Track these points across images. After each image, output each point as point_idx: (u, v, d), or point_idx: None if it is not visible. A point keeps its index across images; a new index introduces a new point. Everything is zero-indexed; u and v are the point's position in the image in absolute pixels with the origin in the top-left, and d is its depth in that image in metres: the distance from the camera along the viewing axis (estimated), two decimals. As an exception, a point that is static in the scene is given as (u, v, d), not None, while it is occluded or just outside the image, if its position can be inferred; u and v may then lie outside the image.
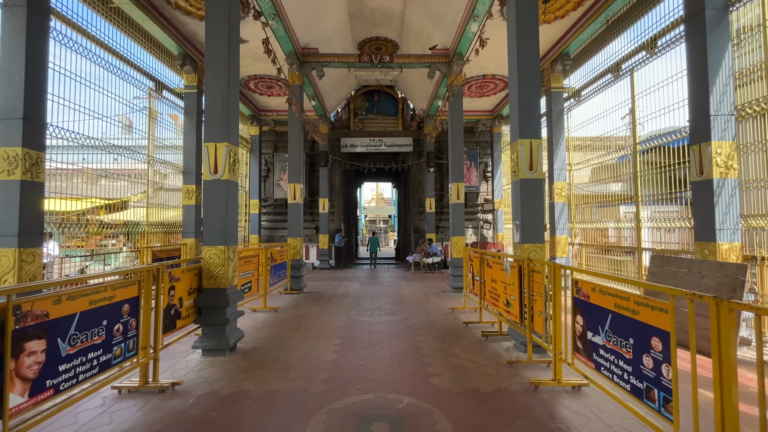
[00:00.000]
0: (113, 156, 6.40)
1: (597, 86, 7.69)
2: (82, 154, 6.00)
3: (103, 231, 7.10)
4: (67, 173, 6.16)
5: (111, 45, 6.28)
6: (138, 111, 7.15)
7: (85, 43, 5.72)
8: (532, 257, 4.23)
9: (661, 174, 6.29)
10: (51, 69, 4.78)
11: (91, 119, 5.74)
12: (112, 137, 6.65)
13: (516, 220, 4.49)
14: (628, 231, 8.18)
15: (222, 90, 4.29)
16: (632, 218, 7.70)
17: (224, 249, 4.23)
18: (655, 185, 6.53)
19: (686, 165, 5.80)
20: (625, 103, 6.66)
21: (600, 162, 8.18)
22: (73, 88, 5.28)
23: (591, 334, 2.76)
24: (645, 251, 6.87)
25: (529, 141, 4.37)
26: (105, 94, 5.98)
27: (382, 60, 8.59)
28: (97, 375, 2.60)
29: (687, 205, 6.66)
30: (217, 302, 4.15)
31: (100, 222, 6.65)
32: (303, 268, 8.25)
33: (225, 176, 4.28)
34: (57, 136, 4.96)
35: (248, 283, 5.82)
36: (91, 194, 6.31)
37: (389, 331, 5.16)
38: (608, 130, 7.72)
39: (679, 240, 7.29)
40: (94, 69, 5.96)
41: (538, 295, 3.70)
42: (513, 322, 4.31)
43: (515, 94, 4.47)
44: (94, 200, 6.76)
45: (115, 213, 8.69)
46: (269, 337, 4.93)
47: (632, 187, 7.16)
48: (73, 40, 5.39)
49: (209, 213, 4.27)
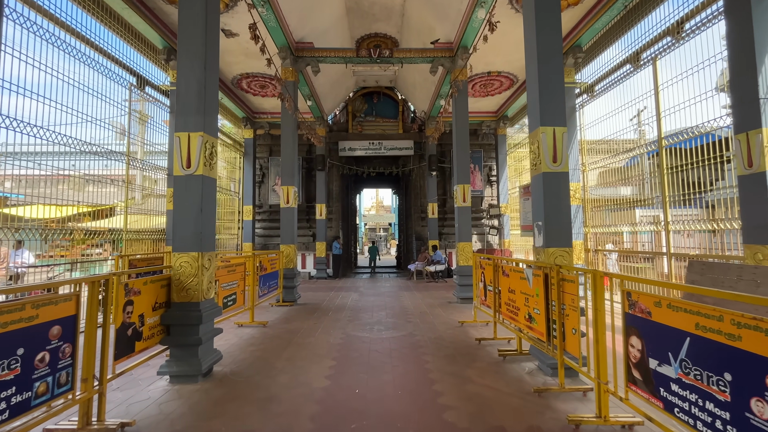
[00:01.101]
0: (84, 160, 5.84)
1: (613, 79, 7.15)
2: (63, 159, 5.51)
3: (87, 239, 6.51)
4: (52, 179, 5.72)
5: (86, 34, 5.74)
6: (125, 114, 6.60)
7: (53, 29, 5.18)
8: (558, 262, 3.61)
9: (673, 176, 5.98)
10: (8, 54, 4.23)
11: (69, 119, 5.18)
12: (103, 141, 6.15)
13: (538, 220, 3.87)
14: (645, 235, 7.64)
15: (197, 71, 3.72)
16: (651, 222, 7.12)
17: (197, 256, 3.60)
18: (668, 187, 6.10)
19: (700, 166, 5.37)
20: (647, 94, 6.09)
21: (615, 161, 7.62)
22: (43, 81, 4.72)
23: (655, 362, 2.13)
24: (669, 257, 6.24)
25: (552, 129, 3.78)
26: (79, 87, 5.41)
27: (381, 55, 8.07)
28: (5, 423, 1.95)
29: (706, 207, 6.25)
30: (188, 319, 3.50)
31: (74, 228, 6.05)
32: (297, 277, 7.60)
33: (199, 171, 3.68)
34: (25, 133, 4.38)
35: (232, 295, 5.18)
36: (76, 201, 5.80)
37: (391, 350, 4.50)
38: (624, 128, 7.18)
39: (698, 244, 6.71)
40: (65, 60, 5.40)
41: (571, 309, 3.07)
42: (537, 340, 3.66)
43: (534, 74, 3.89)
44: (79, 207, 6.21)
45: (100, 220, 8.10)
46: (253, 357, 4.27)
47: (656, 188, 6.60)
48: (38, 24, 4.84)
49: (180, 214, 3.66)
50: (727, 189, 5.48)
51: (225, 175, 11.97)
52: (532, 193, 4.01)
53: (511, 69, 9.19)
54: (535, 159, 3.91)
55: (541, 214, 3.78)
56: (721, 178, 5.86)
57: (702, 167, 5.45)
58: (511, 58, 8.63)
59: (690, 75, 5.36)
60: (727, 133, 5.76)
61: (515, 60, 8.70)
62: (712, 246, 5.98)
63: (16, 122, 4.40)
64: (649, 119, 7.15)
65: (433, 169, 12.23)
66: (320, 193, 12.29)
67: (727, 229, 5.15)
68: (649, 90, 6.07)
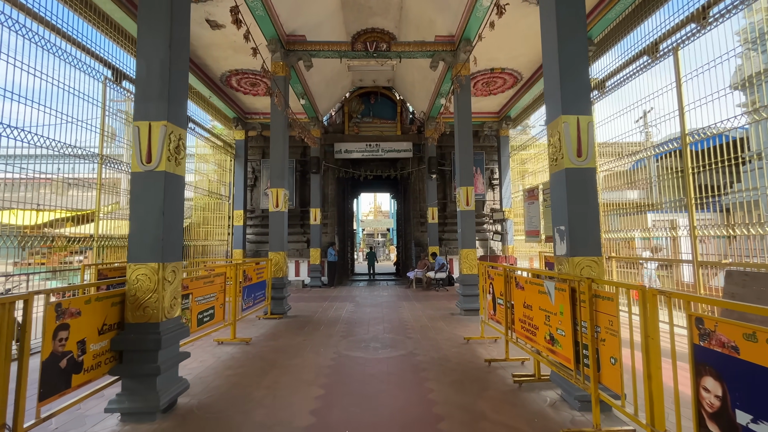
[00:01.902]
0: (53, 163, 5.31)
1: (626, 73, 6.65)
2: (40, 162, 5.02)
3: (68, 246, 5.95)
4: (33, 183, 5.25)
5: (53, 21, 5.20)
6: (100, 110, 6.05)
7: (16, 15, 4.63)
8: (585, 274, 3.05)
9: (681, 179, 5.72)
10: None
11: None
12: (88, 144, 5.65)
13: (559, 224, 3.32)
14: (659, 241, 7.16)
15: (160, 50, 3.17)
16: (666, 226, 6.62)
17: (158, 267, 3.02)
18: (677, 191, 5.89)
19: (713, 168, 5.05)
20: (669, 87, 5.58)
21: (621, 164, 7.15)
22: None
23: (747, 417, 1.56)
24: (696, 265, 5.69)
25: (576, 117, 3.24)
26: (52, 83, 4.87)
27: (378, 49, 7.57)
28: None
29: (721, 211, 5.92)
30: (144, 343, 2.92)
31: (55, 235, 5.51)
32: (286, 288, 7.01)
33: (162, 167, 3.11)
34: None
35: (209, 309, 4.59)
36: (57, 205, 5.29)
37: (389, 374, 3.91)
38: (632, 128, 6.71)
39: (715, 251, 6.22)
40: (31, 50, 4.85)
41: (609, 334, 2.50)
42: (561, 367, 3.09)
43: (553, 54, 3.36)
44: (58, 212, 5.66)
45: (81, 226, 7.52)
46: (229, 384, 3.67)
47: (666, 191, 6.18)
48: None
49: (138, 217, 3.09)
50: (743, 192, 5.13)
51: (216, 178, 11.42)
52: (552, 192, 3.47)
53: (516, 65, 8.70)
54: (555, 153, 3.37)
55: (564, 217, 3.23)
56: (737, 181, 5.56)
57: (716, 169, 5.15)
58: (516, 53, 8.14)
59: (708, 69, 4.92)
60: (743, 133, 5.42)
61: (520, 55, 8.22)
62: (728, 252, 5.61)
63: None
64: (655, 120, 6.79)
65: (433, 172, 11.70)
66: (315, 197, 11.73)
67: (749, 235, 4.67)
68: (669, 83, 5.56)
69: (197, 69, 8.43)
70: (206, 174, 11.16)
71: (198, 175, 10.75)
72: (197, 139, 10.15)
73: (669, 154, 6.26)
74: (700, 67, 5.11)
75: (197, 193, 10.52)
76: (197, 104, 9.51)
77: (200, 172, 10.91)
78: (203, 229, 10.72)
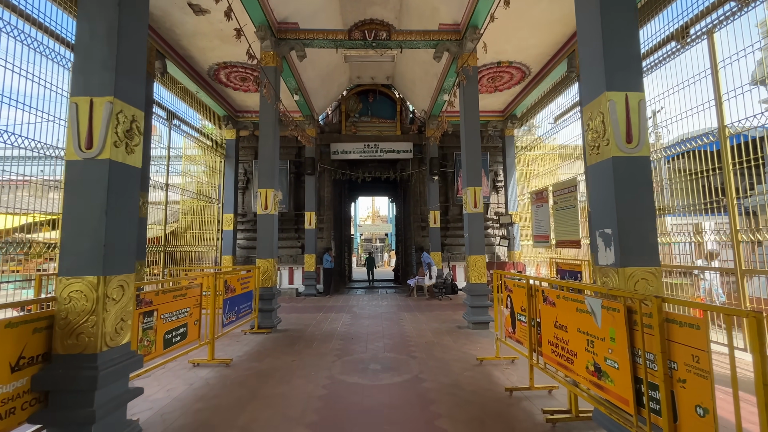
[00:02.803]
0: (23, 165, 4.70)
1: (649, 63, 6.07)
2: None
3: (44, 253, 5.31)
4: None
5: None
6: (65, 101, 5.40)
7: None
8: (640, 288, 2.42)
9: (692, 182, 5.45)
10: None
11: None
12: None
13: (604, 227, 2.68)
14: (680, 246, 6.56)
15: (107, 9, 2.54)
16: (688, 231, 6.02)
17: (96, 282, 2.36)
18: (688, 195, 5.55)
19: (731, 170, 4.79)
20: (704, 74, 4.99)
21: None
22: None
23: None
24: (740, 275, 5.06)
25: (624, 94, 2.62)
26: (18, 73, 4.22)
27: (377, 37, 6.97)
28: None
29: (743, 215, 5.52)
30: (75, 382, 2.25)
31: (30, 240, 4.87)
32: (276, 299, 6.32)
33: (106, 154, 2.47)
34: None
35: (180, 328, 3.91)
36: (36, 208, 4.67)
37: (391, 407, 3.24)
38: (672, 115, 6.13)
39: (734, 256, 5.66)
40: None
41: (692, 373, 1.86)
42: (611, 407, 2.43)
43: (593, 12, 2.73)
44: (33, 216, 5.03)
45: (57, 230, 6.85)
46: (197, 424, 2.99)
47: (677, 195, 5.69)
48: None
49: (72, 218, 2.43)
50: (764, 195, 4.79)
51: (205, 180, 10.76)
52: (592, 187, 2.84)
53: (524, 58, 8.13)
54: (596, 140, 2.74)
55: (611, 217, 2.59)
56: (757, 183, 5.19)
57: (734, 171, 4.83)
58: (525, 44, 7.57)
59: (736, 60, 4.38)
60: (762, 132, 5.00)
61: (530, 47, 7.65)
62: (757, 258, 5.14)
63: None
64: (665, 121, 6.28)
65: (435, 173, 11.08)
66: (310, 200, 11.08)
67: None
68: (705, 69, 4.97)
69: (182, 61, 7.81)
70: (195, 176, 10.50)
71: (186, 177, 10.09)
72: (185, 139, 9.51)
73: (674, 158, 6.05)
74: (734, 53, 4.58)
75: (185, 195, 9.85)
76: (183, 100, 8.87)
77: (189, 173, 10.25)
78: (191, 234, 10.04)
